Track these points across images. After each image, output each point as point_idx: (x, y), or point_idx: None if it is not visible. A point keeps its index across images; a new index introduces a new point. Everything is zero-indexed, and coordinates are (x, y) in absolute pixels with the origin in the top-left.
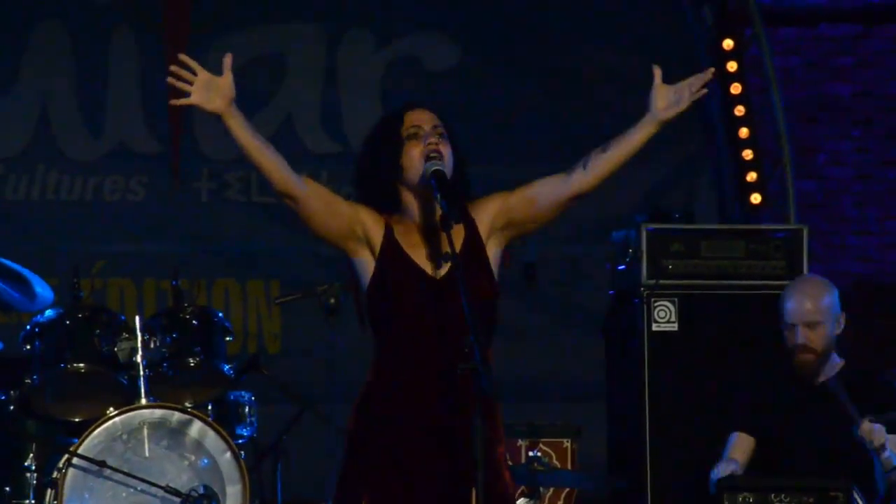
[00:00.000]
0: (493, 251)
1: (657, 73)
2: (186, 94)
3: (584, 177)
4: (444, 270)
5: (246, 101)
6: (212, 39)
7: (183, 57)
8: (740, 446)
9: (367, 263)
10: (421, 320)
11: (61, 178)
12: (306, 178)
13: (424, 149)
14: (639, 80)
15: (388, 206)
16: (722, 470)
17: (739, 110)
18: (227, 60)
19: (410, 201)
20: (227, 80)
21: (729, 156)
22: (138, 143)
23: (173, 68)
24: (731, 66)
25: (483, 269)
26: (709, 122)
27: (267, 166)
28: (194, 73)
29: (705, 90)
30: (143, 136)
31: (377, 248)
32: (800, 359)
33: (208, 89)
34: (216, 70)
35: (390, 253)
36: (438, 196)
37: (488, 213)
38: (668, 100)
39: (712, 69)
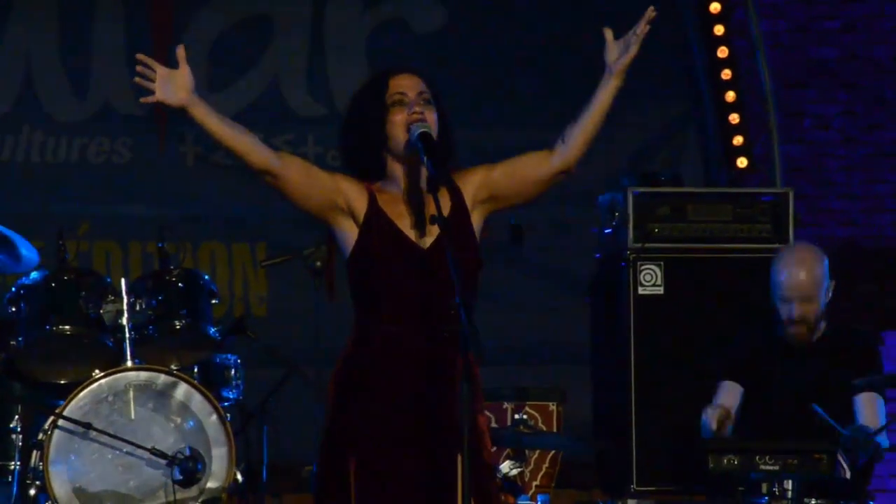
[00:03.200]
0: (476, 223)
1: (608, 32)
2: (151, 91)
3: (565, 151)
4: (429, 239)
5: (232, 63)
6: (198, 1)
7: (141, 56)
8: (731, 393)
9: (350, 233)
10: (405, 289)
11: (46, 140)
12: (282, 154)
13: (408, 117)
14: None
15: (372, 172)
16: (712, 414)
17: (726, 74)
18: (181, 53)
19: (395, 168)
20: (184, 72)
21: (715, 119)
22: (123, 104)
23: (138, 68)
24: (718, 29)
25: (468, 239)
26: (695, 86)
27: (240, 148)
28: (153, 71)
29: (648, 27)
30: (128, 97)
31: (361, 217)
32: (794, 331)
33: (168, 84)
34: (200, 34)
35: (375, 221)
36: (425, 158)
37: (472, 185)
38: (618, 51)
39: (651, 8)
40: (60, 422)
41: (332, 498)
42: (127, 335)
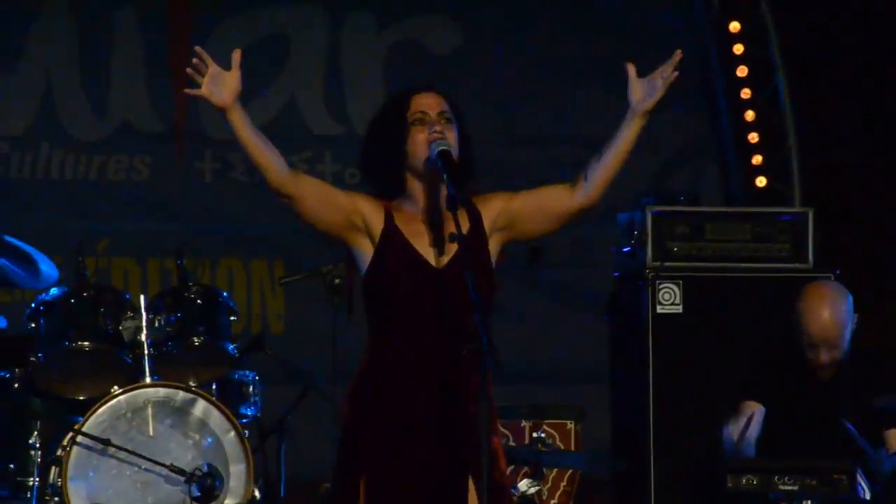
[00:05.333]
0: (492, 249)
1: (631, 69)
2: (199, 85)
3: (589, 189)
4: (445, 259)
5: (249, 82)
6: (215, 21)
7: (199, 49)
8: (754, 417)
9: (366, 252)
10: (420, 309)
11: (66, 157)
12: (300, 175)
13: (429, 136)
14: (643, 62)
15: (391, 191)
16: (733, 430)
17: (745, 93)
18: (236, 57)
19: (415, 187)
20: (234, 76)
21: (734, 138)
22: (142, 122)
23: (194, 60)
24: (738, 48)
25: (484, 263)
26: (714, 105)
27: (263, 164)
28: (207, 66)
29: (676, 72)
30: (147, 115)
31: (377, 236)
32: (820, 373)
33: (216, 82)
34: (217, 53)
35: (391, 241)
36: (445, 176)
37: (492, 211)
38: (643, 91)
39: (679, 51)
40: (79, 438)
41: None
42: (146, 351)
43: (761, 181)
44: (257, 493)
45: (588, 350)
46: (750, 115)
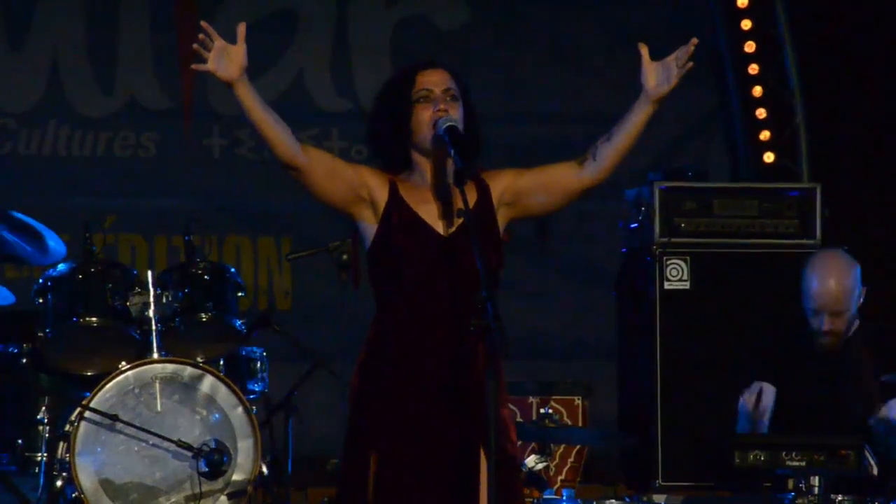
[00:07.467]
0: (499, 224)
1: (644, 50)
2: (204, 60)
3: (596, 169)
4: (453, 228)
5: (256, 58)
6: None
7: (204, 24)
8: (765, 392)
9: (372, 224)
10: (428, 278)
11: (72, 134)
12: (308, 147)
13: (433, 114)
14: (650, 38)
15: (397, 166)
16: (750, 397)
17: (753, 69)
18: (241, 30)
19: (420, 162)
20: (240, 49)
21: (742, 114)
22: (149, 99)
23: (200, 36)
24: (746, 24)
25: (493, 236)
26: (722, 81)
27: (272, 137)
28: (212, 41)
29: (691, 63)
30: (153, 92)
31: (381, 208)
32: (825, 342)
33: (222, 57)
34: (224, 30)
35: (396, 211)
36: (452, 151)
37: (500, 185)
38: (658, 77)
39: (695, 39)
40: (87, 413)
41: (353, 492)
42: (153, 327)
43: (769, 157)
44: (265, 469)
45: (595, 326)
46: (758, 90)
